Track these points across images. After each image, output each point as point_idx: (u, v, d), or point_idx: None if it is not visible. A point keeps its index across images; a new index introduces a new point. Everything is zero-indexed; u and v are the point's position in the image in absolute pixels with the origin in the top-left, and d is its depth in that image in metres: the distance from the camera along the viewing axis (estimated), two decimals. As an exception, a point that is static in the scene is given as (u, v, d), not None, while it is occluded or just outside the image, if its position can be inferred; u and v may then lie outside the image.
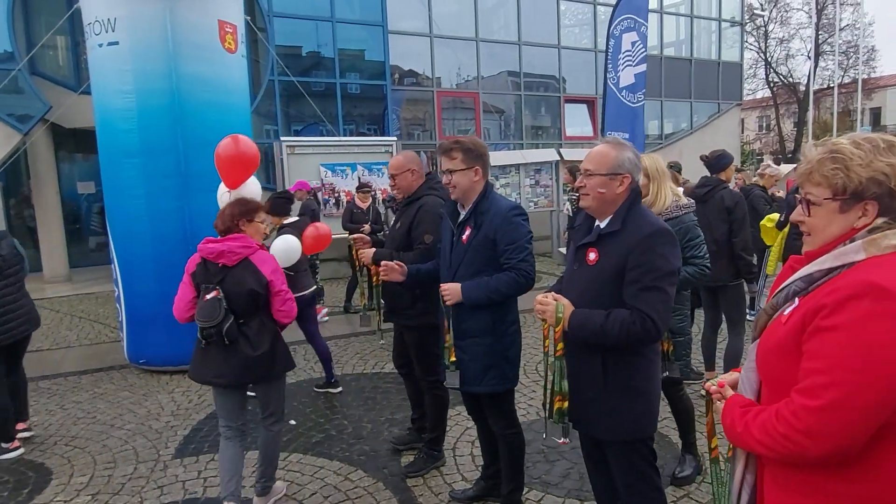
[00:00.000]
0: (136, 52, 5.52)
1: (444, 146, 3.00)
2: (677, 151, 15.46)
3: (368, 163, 11.10)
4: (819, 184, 1.40)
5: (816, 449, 1.27)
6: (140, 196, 5.63)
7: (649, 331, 2.17)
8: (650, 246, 2.19)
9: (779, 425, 1.31)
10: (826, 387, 1.25)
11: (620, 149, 2.33)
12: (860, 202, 1.36)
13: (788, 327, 1.37)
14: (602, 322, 2.19)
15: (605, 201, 2.31)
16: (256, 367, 3.15)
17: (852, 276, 1.29)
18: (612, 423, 2.34)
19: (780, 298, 1.46)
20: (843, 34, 30.29)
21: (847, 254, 1.34)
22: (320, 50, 12.36)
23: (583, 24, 16.09)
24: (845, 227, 1.38)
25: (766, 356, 1.45)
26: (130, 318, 5.88)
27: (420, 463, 3.79)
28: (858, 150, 1.35)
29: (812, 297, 1.35)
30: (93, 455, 4.13)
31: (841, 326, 1.25)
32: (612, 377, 2.31)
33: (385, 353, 6.27)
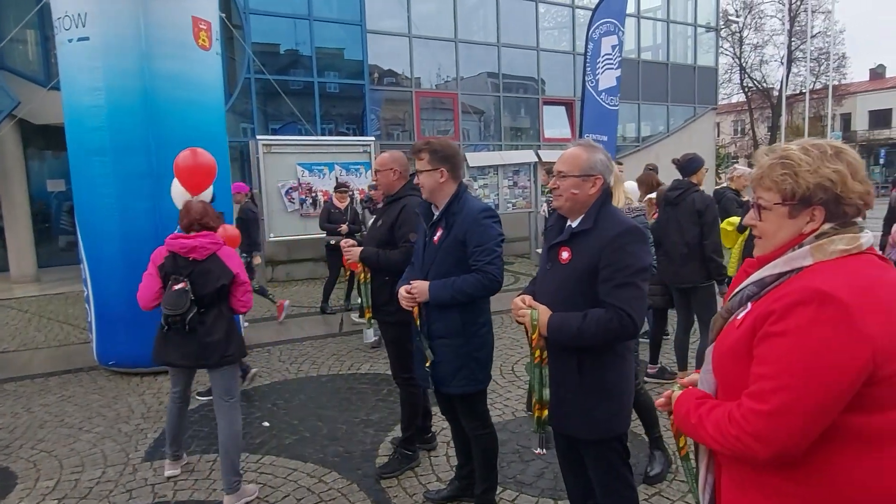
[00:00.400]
0: (107, 49, 5.41)
1: (414, 147, 3.06)
2: (654, 154, 15.63)
3: (346, 163, 11.04)
4: (769, 189, 1.42)
5: (764, 451, 1.29)
6: (111, 195, 5.52)
7: (627, 327, 2.21)
8: (621, 244, 2.24)
9: (730, 427, 1.34)
10: (773, 391, 1.27)
11: (592, 151, 2.38)
12: (808, 207, 1.39)
13: (741, 332, 1.39)
14: (579, 324, 2.22)
15: (578, 202, 2.35)
16: (212, 351, 3.41)
17: (799, 283, 1.32)
18: (587, 421, 2.35)
19: (734, 302, 1.49)
20: (815, 41, 30.98)
21: (796, 259, 1.37)
22: (298, 48, 12.27)
23: (561, 26, 16.20)
24: (794, 231, 1.41)
25: (720, 359, 1.47)
26: (100, 319, 5.77)
27: (394, 464, 3.77)
28: (807, 157, 1.38)
29: (762, 303, 1.37)
30: (59, 459, 4.03)
31: (788, 332, 1.27)
32: (587, 376, 2.33)
33: (361, 353, 6.24)
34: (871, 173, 39.54)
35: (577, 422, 2.38)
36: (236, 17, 11.14)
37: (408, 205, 3.55)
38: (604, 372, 2.35)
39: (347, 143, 11.47)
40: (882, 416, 1.27)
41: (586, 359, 2.32)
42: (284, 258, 11.21)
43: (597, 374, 2.34)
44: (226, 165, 6.44)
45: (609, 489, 2.44)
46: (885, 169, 39.64)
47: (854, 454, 1.28)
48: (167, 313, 3.35)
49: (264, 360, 6.11)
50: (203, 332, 3.39)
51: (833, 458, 1.29)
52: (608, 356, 2.34)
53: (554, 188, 2.40)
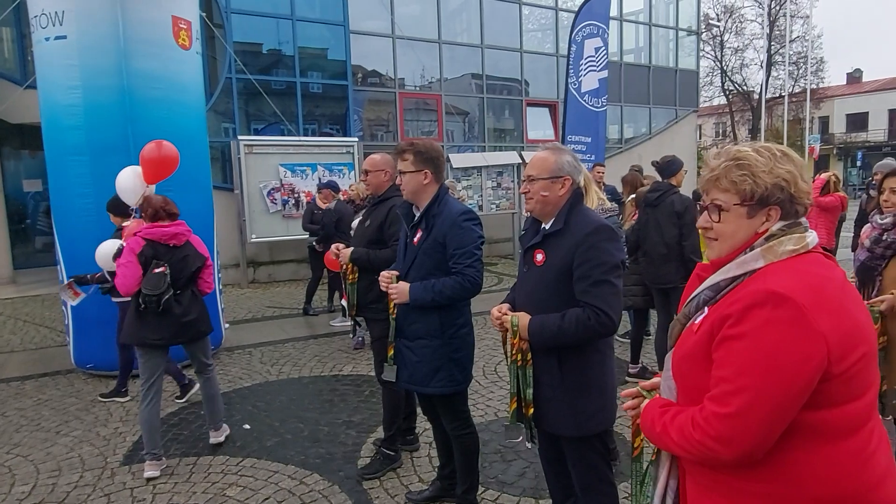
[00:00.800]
0: (85, 47, 5.34)
1: (398, 147, 3.06)
2: (636, 156, 15.76)
3: (329, 163, 11.00)
4: (727, 190, 1.43)
5: (728, 453, 1.30)
6: (88, 195, 5.44)
7: (604, 324, 2.25)
8: (593, 242, 2.29)
9: (694, 432, 1.34)
10: (734, 394, 1.28)
11: (559, 153, 2.46)
12: (765, 207, 1.41)
13: (698, 336, 1.40)
14: (559, 324, 2.26)
15: (549, 203, 2.42)
16: (190, 329, 3.88)
17: (753, 286, 1.34)
18: (569, 419, 2.38)
19: (691, 307, 1.50)
20: (794, 45, 31.49)
21: (748, 262, 1.40)
22: (280, 48, 12.18)
23: (545, 28, 16.27)
24: (751, 232, 1.43)
25: (679, 364, 1.48)
26: (77, 322, 5.68)
27: (376, 465, 3.77)
28: (762, 158, 1.41)
29: (719, 307, 1.39)
30: (36, 464, 3.97)
31: (745, 335, 1.29)
32: (568, 373, 2.36)
33: (343, 354, 6.21)
34: (849, 175, 40.17)
35: (560, 419, 2.40)
36: (218, 16, 11.04)
37: (396, 205, 3.58)
38: (585, 368, 2.38)
39: (330, 143, 11.43)
40: (835, 412, 1.30)
41: (566, 356, 2.35)
42: (266, 259, 11.13)
43: (578, 370, 2.37)
44: (206, 165, 6.39)
45: (589, 487, 2.46)
46: (862, 171, 40.31)
47: (812, 449, 1.31)
48: (147, 293, 3.66)
49: (245, 362, 6.06)
50: (181, 312, 3.80)
51: (793, 455, 1.31)
52: (589, 352, 2.37)
53: (524, 192, 2.47)
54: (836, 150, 41.10)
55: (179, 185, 5.66)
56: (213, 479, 3.72)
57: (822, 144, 36.11)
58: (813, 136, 26.42)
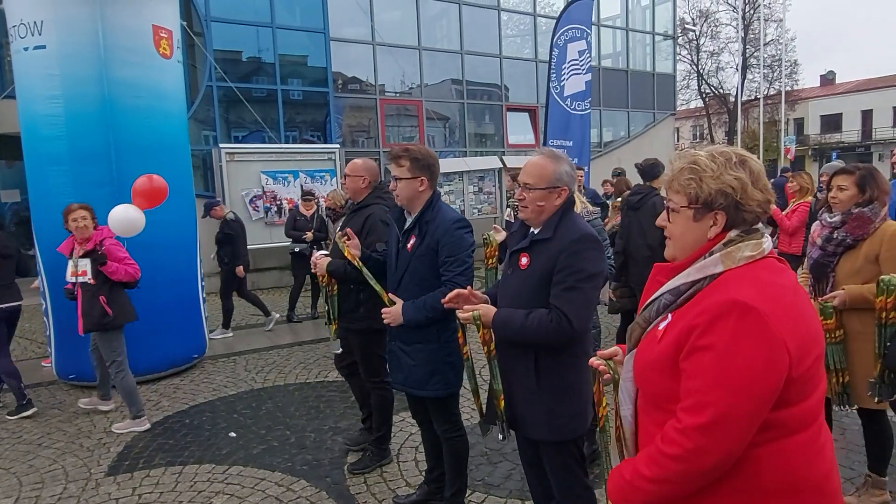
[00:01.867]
0: (65, 57, 5.31)
1: (393, 152, 3.02)
2: (616, 159, 15.94)
3: (311, 170, 11.00)
4: (678, 192, 1.48)
5: (708, 461, 1.32)
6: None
7: (564, 329, 2.25)
8: (577, 250, 2.29)
9: (667, 448, 1.35)
10: (707, 405, 1.30)
11: (558, 162, 2.40)
12: (710, 212, 1.44)
13: (664, 346, 1.41)
14: (523, 321, 2.30)
15: (544, 213, 2.40)
16: (92, 319, 4.55)
17: (717, 296, 1.36)
18: (546, 423, 2.41)
19: (651, 312, 1.52)
20: (768, 49, 32.04)
21: (707, 267, 1.42)
22: (261, 55, 12.18)
23: (524, 34, 16.43)
24: (699, 235, 1.46)
25: (643, 371, 1.49)
26: (59, 332, 5.64)
27: (366, 461, 3.82)
28: (712, 163, 1.43)
29: (683, 315, 1.41)
30: (18, 476, 3.93)
31: (713, 346, 1.31)
32: (546, 378, 2.38)
33: (328, 361, 6.22)
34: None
35: (537, 424, 2.43)
36: (197, 24, 11.01)
37: (373, 213, 3.57)
38: (562, 374, 2.39)
39: (312, 150, 11.43)
40: (791, 410, 1.35)
41: (544, 360, 2.38)
42: (250, 267, 11.07)
43: (555, 375, 2.39)
44: (189, 173, 6.37)
45: (567, 490, 2.50)
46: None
47: (769, 444, 1.35)
48: None
49: (230, 370, 6.05)
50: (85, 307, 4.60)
51: (751, 451, 1.34)
52: (566, 357, 2.39)
53: (520, 199, 2.42)
54: (812, 151, 41.86)
55: (161, 194, 5.65)
56: (199, 487, 3.72)
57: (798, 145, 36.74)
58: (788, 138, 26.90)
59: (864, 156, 39.51)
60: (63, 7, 5.29)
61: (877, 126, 40.36)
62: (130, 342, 5.53)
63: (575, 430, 2.45)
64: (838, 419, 4.11)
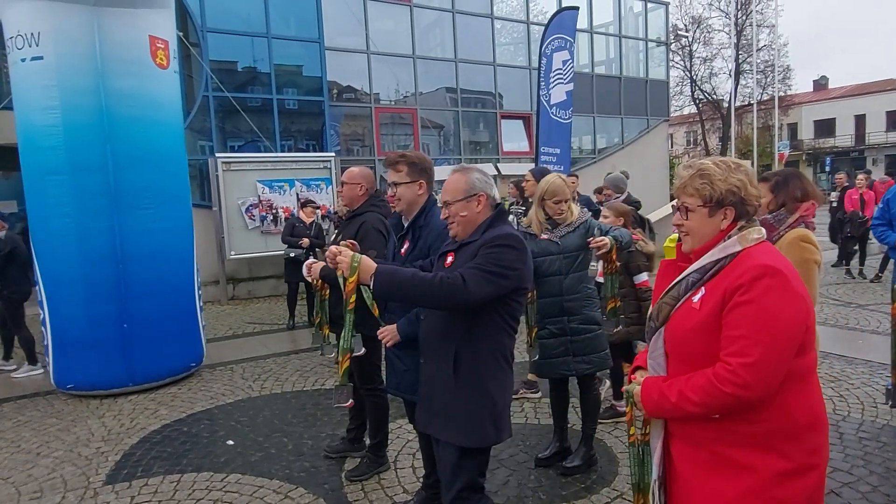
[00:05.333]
0: (62, 68, 5.35)
1: (390, 159, 3.06)
2: (610, 166, 16.00)
3: (307, 179, 11.04)
4: (692, 195, 1.80)
5: (754, 395, 1.62)
6: (67, 215, 5.44)
7: (457, 285, 2.21)
8: (494, 244, 2.35)
9: (721, 385, 1.63)
10: (753, 346, 1.61)
11: (467, 172, 2.54)
12: (722, 208, 1.78)
13: (706, 310, 1.71)
14: (414, 272, 2.31)
15: (469, 223, 2.49)
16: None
17: (749, 262, 1.68)
18: (457, 428, 2.40)
19: (679, 290, 1.81)
20: (761, 54, 32.24)
21: (728, 247, 1.75)
22: (256, 65, 12.23)
23: (517, 42, 16.53)
24: (714, 228, 1.79)
25: (683, 336, 1.77)
26: (57, 342, 5.65)
27: (363, 467, 3.84)
28: (718, 169, 1.78)
29: (719, 284, 1.71)
30: (17, 486, 3.94)
31: (753, 300, 1.63)
32: (463, 380, 2.38)
33: (325, 369, 6.25)
34: (818, 181, 41.07)
35: (450, 427, 2.43)
36: (193, 34, 11.07)
37: (367, 221, 3.61)
38: (481, 379, 2.39)
39: (307, 158, 11.47)
40: (806, 358, 1.71)
41: (463, 362, 2.38)
42: (246, 276, 11.10)
43: (474, 380, 2.39)
44: (186, 183, 6.41)
45: (459, 495, 2.47)
46: (830, 176, 41.30)
47: (796, 388, 1.69)
48: None
49: (227, 378, 6.07)
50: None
51: (783, 396, 1.67)
52: (488, 361, 2.40)
53: (445, 218, 2.53)
54: (805, 156, 42.10)
55: (159, 203, 5.71)
56: (197, 495, 3.73)
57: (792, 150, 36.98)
58: (782, 143, 27.06)
59: (858, 160, 39.77)
60: (60, 18, 5.33)
61: (870, 130, 40.64)
62: (129, 351, 5.58)
63: (486, 440, 2.43)
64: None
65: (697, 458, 1.77)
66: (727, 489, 1.70)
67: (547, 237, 3.68)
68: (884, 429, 4.20)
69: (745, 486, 1.68)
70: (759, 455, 1.68)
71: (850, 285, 9.78)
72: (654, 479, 1.87)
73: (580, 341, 3.65)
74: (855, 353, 6.02)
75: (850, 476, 3.56)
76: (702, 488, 1.75)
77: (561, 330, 3.65)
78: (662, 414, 1.81)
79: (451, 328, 2.42)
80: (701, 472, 1.76)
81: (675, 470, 1.83)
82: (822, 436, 1.77)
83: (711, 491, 1.72)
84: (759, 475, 1.67)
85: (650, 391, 1.80)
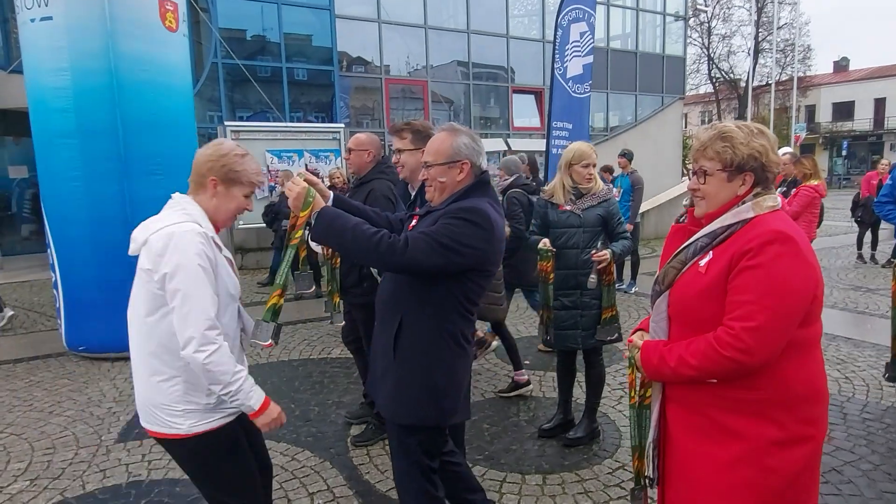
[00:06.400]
0: (72, 28, 5.32)
1: (395, 126, 3.07)
2: (622, 143, 15.87)
3: (316, 149, 11.01)
4: (712, 158, 1.74)
5: (754, 361, 1.60)
6: (77, 178, 5.46)
7: (395, 249, 2.05)
8: (454, 216, 2.14)
9: (722, 350, 1.61)
10: (758, 311, 1.58)
11: (455, 134, 2.29)
12: (741, 173, 1.72)
13: (712, 275, 1.68)
14: (356, 223, 2.10)
15: (446, 190, 2.28)
16: None
17: (763, 227, 1.64)
18: (394, 402, 2.27)
19: (687, 254, 1.78)
20: (781, 32, 31.68)
21: (741, 213, 1.71)
22: (265, 34, 12.14)
23: (531, 14, 16.29)
24: (731, 193, 1.74)
25: (688, 301, 1.74)
26: (69, 304, 5.72)
27: (369, 433, 3.90)
28: (741, 132, 1.71)
29: (727, 248, 1.67)
30: (30, 442, 4.03)
31: (762, 265, 1.59)
32: (401, 356, 2.24)
33: (332, 338, 6.30)
34: (834, 165, 40.50)
35: (385, 400, 2.31)
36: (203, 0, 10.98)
37: (375, 188, 3.61)
38: (423, 356, 2.23)
39: (317, 129, 11.43)
40: (810, 329, 1.69)
41: (405, 336, 2.23)
42: (254, 246, 11.15)
43: (413, 355, 2.23)
44: (194, 149, 6.38)
45: (404, 475, 2.37)
46: (847, 161, 40.68)
47: (797, 359, 1.67)
48: None
49: (236, 345, 6.12)
50: None
51: (782, 366, 1.65)
52: (433, 339, 2.23)
53: (424, 179, 2.34)
54: (822, 139, 41.45)
55: (168, 169, 5.71)
56: (206, 455, 3.80)
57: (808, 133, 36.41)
58: (799, 125, 26.68)
59: (876, 144, 39.16)
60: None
61: (889, 114, 39.83)
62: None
63: (427, 418, 2.26)
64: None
65: (691, 423, 1.76)
66: (719, 455, 1.69)
67: (570, 208, 3.63)
68: (888, 410, 4.20)
69: (737, 453, 1.67)
70: (752, 422, 1.66)
71: (862, 269, 9.71)
72: (649, 442, 1.88)
73: (590, 316, 3.65)
74: (862, 336, 5.99)
75: (852, 455, 3.56)
76: (694, 452, 1.75)
77: (573, 303, 3.65)
78: (661, 378, 1.80)
79: (400, 296, 2.27)
80: (694, 437, 1.76)
81: (670, 433, 1.83)
82: (820, 406, 1.73)
83: (703, 455, 1.72)
84: (750, 442, 1.66)
85: (650, 355, 1.79)
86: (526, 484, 3.37)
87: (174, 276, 1.92)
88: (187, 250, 1.93)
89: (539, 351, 5.63)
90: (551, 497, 3.24)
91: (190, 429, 2.03)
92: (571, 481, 3.39)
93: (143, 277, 2.01)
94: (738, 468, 1.67)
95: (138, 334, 2.07)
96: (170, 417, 2.03)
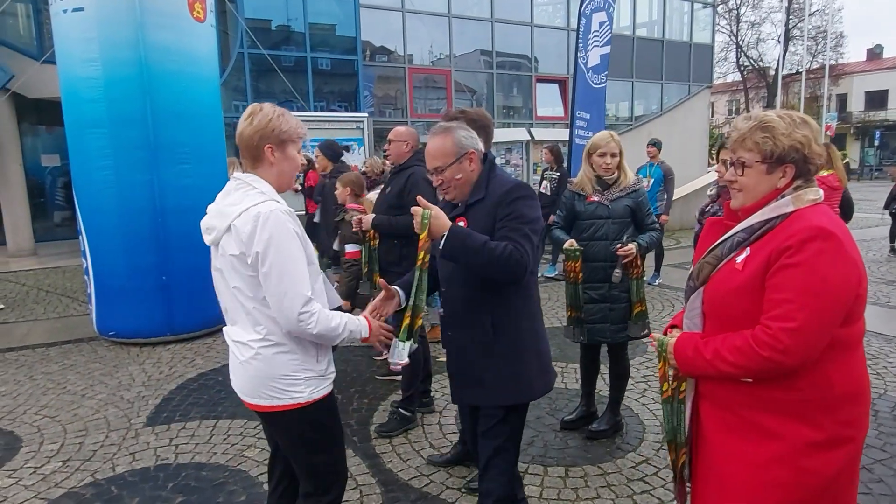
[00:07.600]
0: (102, 19, 5.41)
1: (449, 114, 3.08)
2: (647, 133, 15.66)
3: (340, 139, 11.03)
4: (751, 149, 1.67)
5: (792, 362, 1.55)
6: (108, 167, 5.57)
7: (520, 260, 2.15)
8: (511, 199, 2.26)
9: (760, 349, 1.56)
10: (798, 311, 1.52)
11: (451, 132, 2.36)
12: (782, 165, 1.65)
13: (749, 272, 1.62)
14: (486, 240, 2.17)
15: (467, 183, 2.37)
16: None
17: (803, 223, 1.58)
18: (505, 388, 2.33)
19: (724, 249, 1.72)
20: (813, 19, 30.88)
21: (780, 207, 1.65)
22: (290, 24, 12.19)
23: (555, 2, 16.10)
24: (770, 186, 1.67)
25: (723, 298, 1.69)
26: (99, 291, 5.85)
27: (393, 423, 3.93)
28: (783, 122, 1.64)
29: (766, 244, 1.61)
30: (63, 424, 4.15)
31: (802, 263, 1.53)
32: (499, 349, 2.33)
33: (356, 326, 6.34)
34: (866, 155, 39.49)
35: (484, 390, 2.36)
36: (229, -10, 11.05)
37: (415, 172, 3.78)
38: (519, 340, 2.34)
39: (341, 119, 11.47)
40: (853, 328, 1.63)
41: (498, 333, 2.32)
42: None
43: (514, 344, 2.34)
44: (221, 139, 6.48)
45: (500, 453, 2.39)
46: (879, 151, 39.65)
47: (839, 359, 1.61)
48: None
49: (261, 333, 6.21)
50: None
51: (823, 366, 1.59)
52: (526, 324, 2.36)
53: (438, 185, 2.38)
54: (854, 129, 40.44)
55: (196, 159, 5.79)
56: (232, 440, 3.87)
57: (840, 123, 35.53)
58: (830, 115, 26.04)
59: (910, 134, 38.07)
60: (100, -32, 5.36)
61: (924, 104, 38.71)
62: (167, 304, 5.75)
63: (536, 392, 2.41)
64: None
65: (725, 422, 1.71)
66: (753, 454, 1.65)
67: (598, 199, 3.58)
68: (920, 406, 4.12)
69: (772, 453, 1.62)
70: (789, 423, 1.61)
71: (895, 263, 9.49)
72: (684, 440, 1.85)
73: (619, 310, 3.60)
74: (894, 331, 5.87)
75: (882, 453, 3.51)
76: (727, 450, 1.71)
77: (602, 296, 3.58)
78: (695, 371, 1.74)
79: (481, 301, 2.33)
80: (727, 435, 1.71)
81: (702, 430, 1.79)
82: (861, 407, 1.66)
83: (737, 453, 1.68)
84: (787, 443, 1.61)
85: (685, 347, 1.74)
86: (548, 476, 3.37)
87: (266, 256, 1.93)
88: (278, 229, 1.96)
89: None
90: (574, 490, 3.23)
91: (311, 395, 2.09)
92: (594, 474, 3.37)
93: (235, 264, 2.01)
94: (773, 468, 1.63)
95: (248, 315, 2.06)
96: (291, 387, 2.06)
